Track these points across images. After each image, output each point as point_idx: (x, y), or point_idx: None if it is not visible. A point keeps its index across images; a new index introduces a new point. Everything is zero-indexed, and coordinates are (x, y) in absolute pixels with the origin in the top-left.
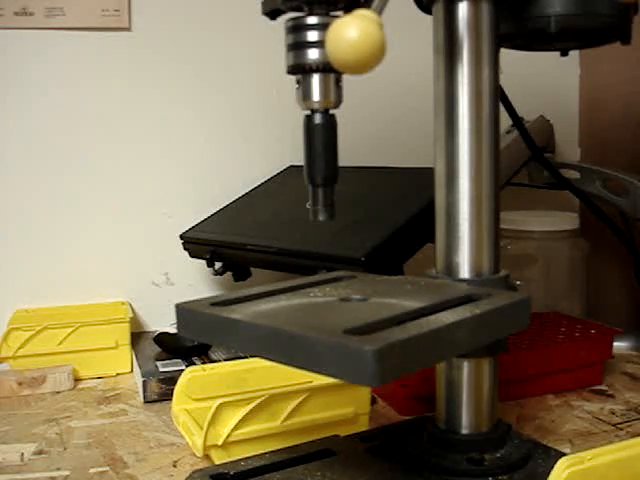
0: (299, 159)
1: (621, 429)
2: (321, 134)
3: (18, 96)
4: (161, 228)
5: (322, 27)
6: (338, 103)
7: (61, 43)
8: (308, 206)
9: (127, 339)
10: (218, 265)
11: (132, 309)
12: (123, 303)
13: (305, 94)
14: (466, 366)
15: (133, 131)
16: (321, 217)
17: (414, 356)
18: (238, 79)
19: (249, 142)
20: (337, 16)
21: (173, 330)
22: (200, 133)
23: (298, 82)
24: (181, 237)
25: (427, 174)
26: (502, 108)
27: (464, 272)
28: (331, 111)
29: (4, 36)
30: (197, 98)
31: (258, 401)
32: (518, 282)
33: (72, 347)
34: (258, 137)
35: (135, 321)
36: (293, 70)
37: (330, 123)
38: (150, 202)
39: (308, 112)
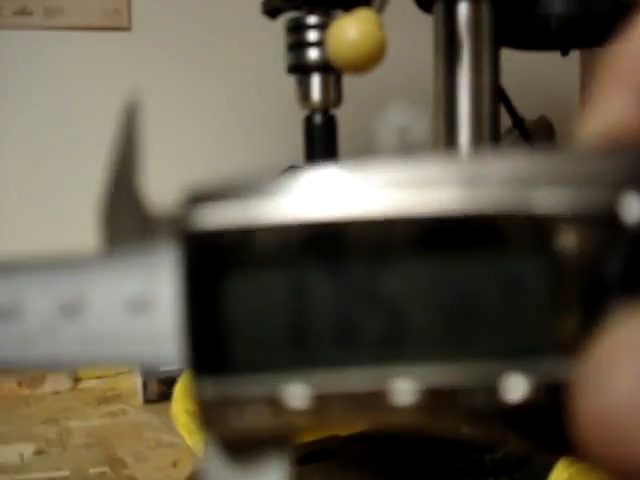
0: (299, 159)
1: None
2: (321, 134)
3: (17, 96)
4: None
5: (322, 27)
6: (338, 103)
7: (60, 43)
8: None
9: None
10: None
11: None
12: None
13: (305, 94)
14: None
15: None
16: None
17: None
18: (238, 79)
19: (249, 142)
20: (337, 16)
21: None
22: (199, 133)
23: (298, 82)
24: None
25: None
26: (502, 108)
27: None
28: (331, 111)
29: (3, 36)
30: (197, 98)
31: None
32: None
33: None
34: (258, 137)
35: None
36: (293, 70)
37: (330, 123)
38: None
39: (308, 112)
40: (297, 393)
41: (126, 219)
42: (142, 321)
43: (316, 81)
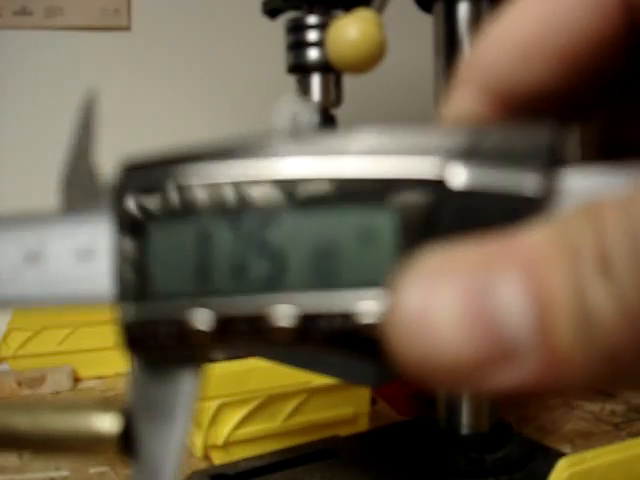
0: None
1: (622, 429)
2: None
3: (17, 96)
4: None
5: (322, 27)
6: (338, 103)
7: (60, 43)
8: None
9: None
10: None
11: None
12: None
13: (305, 94)
14: None
15: (133, 131)
16: None
17: None
18: (238, 78)
19: None
20: (337, 16)
21: None
22: (200, 133)
23: (298, 82)
24: None
25: None
26: None
27: None
28: (331, 111)
29: (3, 36)
30: (197, 98)
31: (258, 401)
32: None
33: (72, 347)
34: None
35: None
36: (293, 70)
37: (330, 123)
38: None
39: None
40: (201, 317)
41: (80, 188)
42: (88, 266)
43: (316, 81)
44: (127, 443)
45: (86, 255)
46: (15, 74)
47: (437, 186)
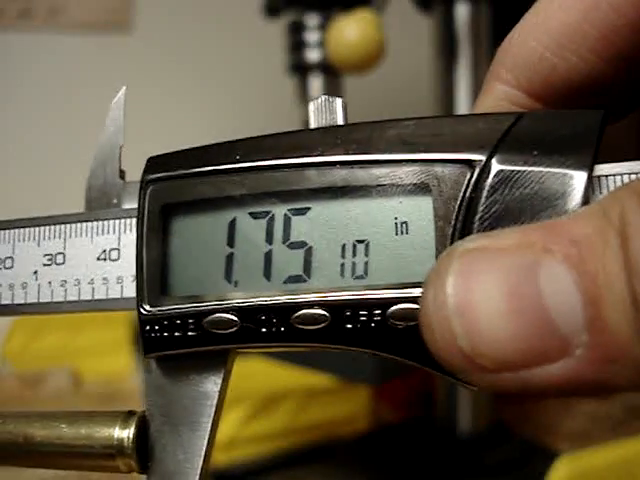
0: None
1: (619, 429)
2: None
3: (19, 96)
4: None
5: (322, 27)
6: None
7: (62, 43)
8: None
9: (128, 339)
10: None
11: None
12: None
13: (305, 94)
14: None
15: (134, 131)
16: None
17: None
18: (238, 79)
19: None
20: (337, 16)
21: None
22: (201, 133)
23: (298, 82)
24: None
25: None
26: None
27: None
28: None
29: (5, 37)
30: (198, 98)
31: (258, 401)
32: None
33: (73, 347)
34: None
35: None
36: (293, 70)
37: None
38: None
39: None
40: (223, 318)
41: (104, 192)
42: (111, 267)
43: (316, 81)
44: (143, 452)
45: (108, 256)
46: (17, 75)
47: (478, 170)
